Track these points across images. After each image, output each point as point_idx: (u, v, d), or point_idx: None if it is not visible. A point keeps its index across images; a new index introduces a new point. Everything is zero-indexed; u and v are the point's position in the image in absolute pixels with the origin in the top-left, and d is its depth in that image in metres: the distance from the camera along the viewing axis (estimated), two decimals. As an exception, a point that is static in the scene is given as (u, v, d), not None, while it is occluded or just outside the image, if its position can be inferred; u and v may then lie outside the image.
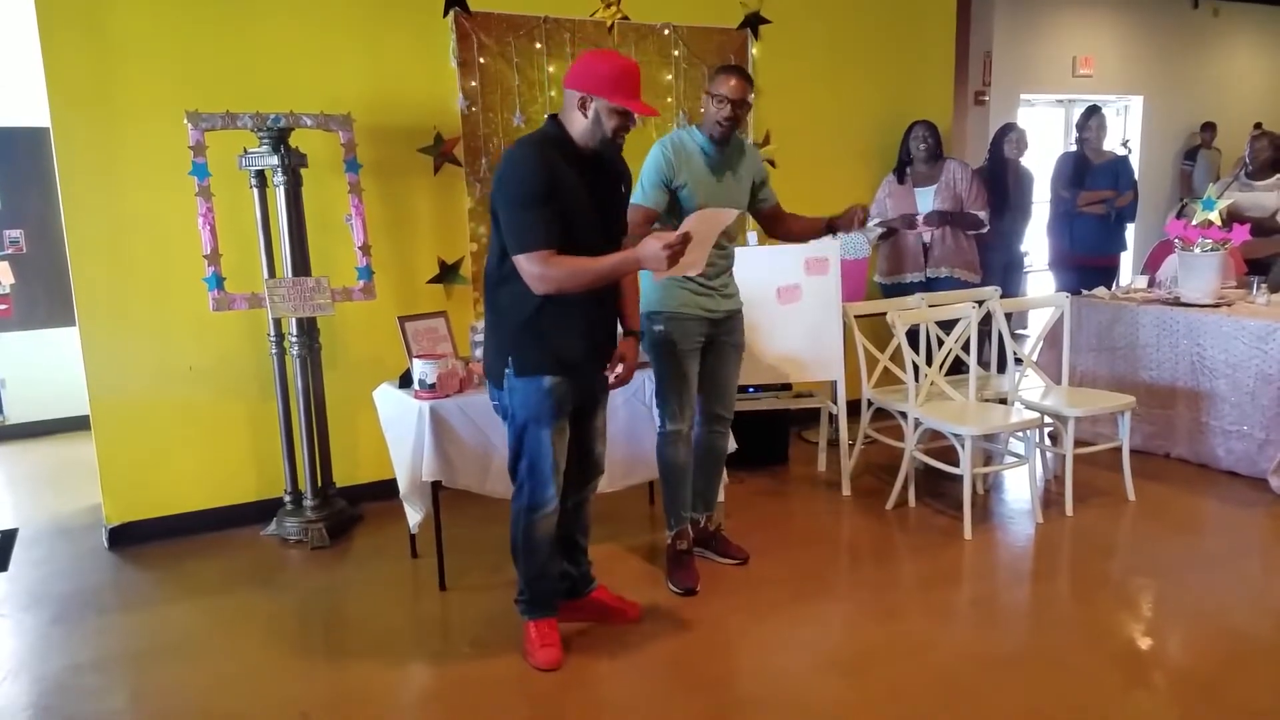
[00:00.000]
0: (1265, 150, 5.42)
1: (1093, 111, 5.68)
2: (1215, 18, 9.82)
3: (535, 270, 2.63)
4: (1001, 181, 5.60)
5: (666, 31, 4.79)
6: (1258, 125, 9.29)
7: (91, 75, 3.74)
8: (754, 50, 5.06)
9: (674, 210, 3.26)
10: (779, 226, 3.59)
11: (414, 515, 3.55)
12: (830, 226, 3.45)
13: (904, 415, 4.16)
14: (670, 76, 4.82)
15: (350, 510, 4.21)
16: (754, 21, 5.04)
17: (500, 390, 2.86)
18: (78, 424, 5.44)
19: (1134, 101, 9.61)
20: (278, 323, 3.97)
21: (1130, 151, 7.42)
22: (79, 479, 4.85)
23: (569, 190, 2.67)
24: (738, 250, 3.58)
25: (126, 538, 4.00)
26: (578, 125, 2.71)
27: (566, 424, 2.88)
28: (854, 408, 4.49)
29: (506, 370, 2.80)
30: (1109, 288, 5.20)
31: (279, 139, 3.76)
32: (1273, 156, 5.42)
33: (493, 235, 2.79)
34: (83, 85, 3.73)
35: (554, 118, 2.77)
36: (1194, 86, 9.88)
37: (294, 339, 3.96)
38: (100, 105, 3.76)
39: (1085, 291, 5.10)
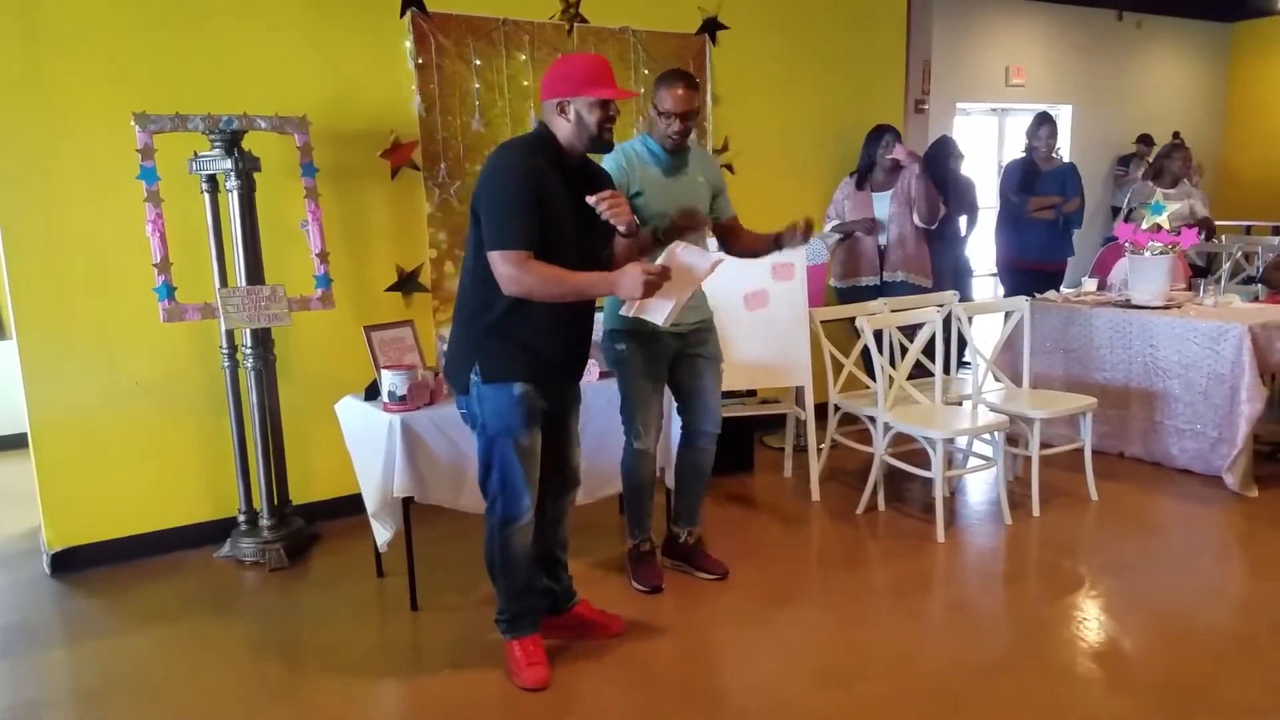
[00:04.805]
0: (1177, 162, 5.88)
1: (1043, 120, 5.79)
2: (1139, 30, 10.17)
3: (508, 270, 2.57)
4: (944, 191, 5.66)
5: (626, 35, 4.72)
6: (1176, 134, 9.65)
7: (27, 71, 3.51)
8: (711, 56, 5.02)
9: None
10: (733, 241, 3.46)
11: (383, 533, 3.40)
12: (777, 242, 3.31)
13: (872, 420, 4.16)
14: (631, 81, 4.75)
15: (308, 529, 4.03)
16: (712, 27, 5.01)
17: (466, 398, 2.76)
18: (10, 443, 5.16)
19: (1064, 110, 9.87)
20: (230, 334, 3.79)
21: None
22: (13, 502, 4.57)
23: (551, 199, 2.62)
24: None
25: (70, 564, 3.77)
26: (563, 131, 2.69)
27: (539, 432, 2.80)
28: (818, 412, 4.47)
29: (473, 377, 2.71)
30: (1058, 291, 5.30)
31: (232, 142, 3.59)
32: (1184, 169, 5.89)
33: (469, 239, 2.71)
34: (16, 81, 3.50)
35: (544, 123, 2.72)
36: (1120, 96, 10.21)
37: (248, 351, 3.78)
38: (36, 103, 3.54)
39: (1037, 295, 5.18)
